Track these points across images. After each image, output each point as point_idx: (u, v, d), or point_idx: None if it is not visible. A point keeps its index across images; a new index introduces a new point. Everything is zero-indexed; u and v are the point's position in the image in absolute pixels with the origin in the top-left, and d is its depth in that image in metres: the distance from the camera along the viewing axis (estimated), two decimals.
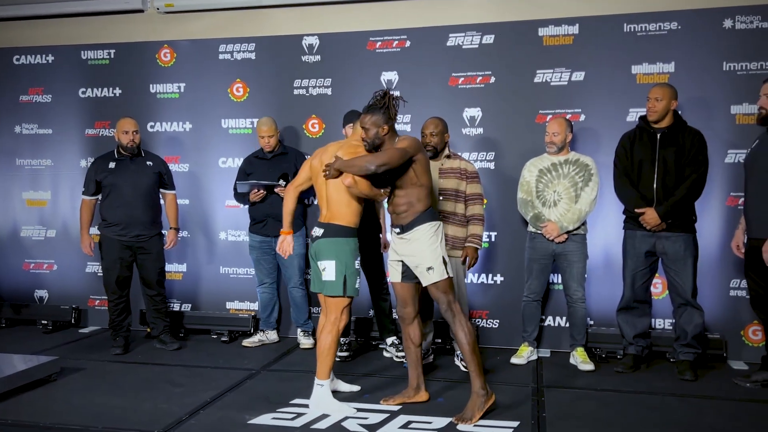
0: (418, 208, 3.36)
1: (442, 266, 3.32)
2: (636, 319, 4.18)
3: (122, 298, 4.68)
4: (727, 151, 4.45)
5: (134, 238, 4.59)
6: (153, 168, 4.70)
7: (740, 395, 3.67)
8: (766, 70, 4.35)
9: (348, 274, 3.41)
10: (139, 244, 4.62)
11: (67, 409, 3.44)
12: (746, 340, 4.43)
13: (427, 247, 3.33)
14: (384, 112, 3.32)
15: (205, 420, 3.30)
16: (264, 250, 4.80)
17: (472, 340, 3.31)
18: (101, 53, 5.47)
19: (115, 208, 4.58)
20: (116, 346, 4.62)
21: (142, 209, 4.60)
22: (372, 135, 3.34)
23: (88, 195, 4.69)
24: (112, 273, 4.62)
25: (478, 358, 3.31)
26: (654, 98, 3.97)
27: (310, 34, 5.10)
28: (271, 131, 4.66)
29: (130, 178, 4.59)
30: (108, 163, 4.65)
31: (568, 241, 4.21)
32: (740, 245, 4.03)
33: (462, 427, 3.17)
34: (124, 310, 4.70)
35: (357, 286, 3.47)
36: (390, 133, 3.36)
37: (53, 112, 5.56)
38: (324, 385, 3.40)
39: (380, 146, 3.37)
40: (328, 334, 3.42)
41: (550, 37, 4.70)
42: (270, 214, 4.69)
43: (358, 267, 3.48)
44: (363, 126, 3.36)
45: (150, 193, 4.67)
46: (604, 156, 4.41)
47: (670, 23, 4.51)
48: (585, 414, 3.37)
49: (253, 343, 4.81)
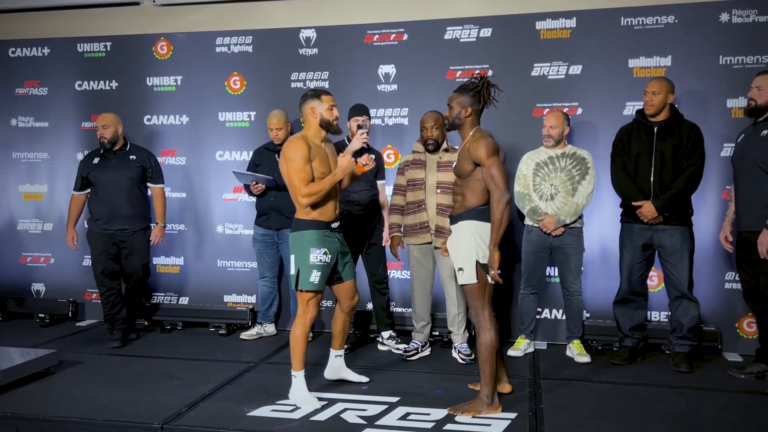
0: (470, 203, 3.27)
1: (473, 270, 3.20)
2: (632, 311, 4.21)
3: (113, 291, 4.69)
4: (723, 145, 4.47)
5: (118, 231, 4.63)
6: (136, 162, 4.71)
7: (735, 387, 3.70)
8: (762, 64, 4.37)
9: (301, 267, 3.38)
10: (122, 238, 4.65)
11: (66, 402, 3.44)
12: (741, 332, 4.46)
13: (464, 246, 3.25)
14: (473, 95, 3.26)
15: (204, 412, 3.31)
16: (267, 243, 4.80)
17: (486, 351, 3.20)
18: (97, 46, 5.45)
19: (98, 203, 4.65)
20: (113, 339, 4.63)
21: (124, 204, 4.62)
22: (454, 114, 3.30)
23: (76, 190, 4.77)
24: (98, 265, 4.67)
25: (491, 369, 3.21)
26: (651, 92, 3.98)
27: (308, 27, 5.09)
28: (280, 124, 4.65)
29: (112, 173, 4.64)
30: (93, 158, 4.71)
31: (565, 234, 4.23)
32: (728, 236, 4.08)
33: (460, 418, 3.19)
34: (117, 302, 4.70)
35: (313, 280, 3.35)
36: (472, 118, 3.29)
37: (49, 105, 5.54)
38: (297, 376, 3.40)
39: (460, 127, 3.31)
40: (296, 327, 3.43)
41: (547, 30, 4.71)
42: (273, 207, 4.70)
43: (320, 260, 3.37)
44: (448, 103, 3.34)
45: (132, 187, 4.67)
46: (601, 149, 4.42)
47: (667, 17, 4.52)
48: (582, 406, 3.40)
49: (251, 336, 4.82)
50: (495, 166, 3.14)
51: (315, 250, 3.36)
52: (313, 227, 3.38)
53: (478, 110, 3.30)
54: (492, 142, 3.22)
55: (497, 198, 3.13)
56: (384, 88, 4.98)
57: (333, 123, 3.43)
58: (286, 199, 4.66)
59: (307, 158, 3.32)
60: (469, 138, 3.29)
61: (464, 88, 3.31)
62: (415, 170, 4.24)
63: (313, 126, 3.44)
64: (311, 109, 3.41)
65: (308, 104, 3.42)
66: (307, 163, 3.32)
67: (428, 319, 4.38)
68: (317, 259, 3.37)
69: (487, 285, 3.26)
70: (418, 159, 4.25)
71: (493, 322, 3.26)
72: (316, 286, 3.39)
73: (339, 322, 3.71)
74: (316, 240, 3.38)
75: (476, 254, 3.21)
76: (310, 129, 3.46)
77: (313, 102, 3.41)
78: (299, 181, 3.31)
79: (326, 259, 3.39)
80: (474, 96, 3.26)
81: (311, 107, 3.41)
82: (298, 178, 3.31)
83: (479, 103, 3.28)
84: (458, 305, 4.22)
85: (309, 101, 3.42)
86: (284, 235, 4.74)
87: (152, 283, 5.38)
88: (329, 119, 3.41)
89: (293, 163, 3.32)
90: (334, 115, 3.43)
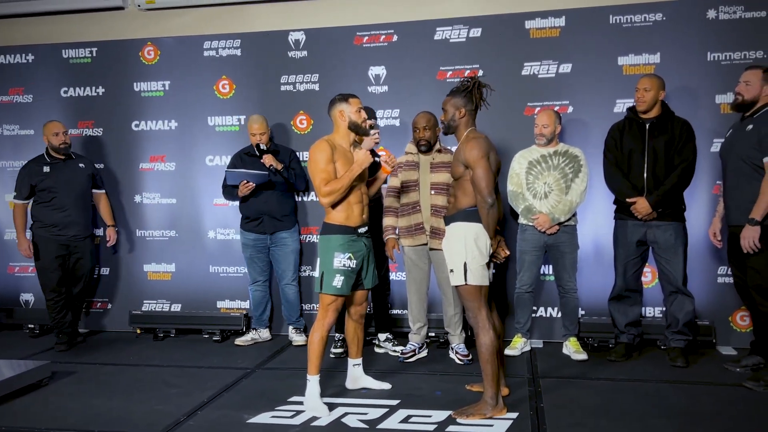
0: (462, 204, 3.26)
1: (461, 271, 3.18)
2: (627, 308, 4.23)
3: (62, 296, 4.78)
4: (713, 140, 4.50)
5: (72, 238, 4.73)
6: (86, 170, 4.84)
7: (732, 380, 3.72)
8: (749, 60, 4.41)
9: (325, 270, 3.39)
10: (74, 244, 4.76)
11: (62, 414, 3.39)
12: (734, 326, 4.50)
13: (454, 247, 3.24)
14: (465, 96, 3.28)
15: (203, 421, 3.27)
16: (258, 248, 4.77)
17: (486, 352, 3.17)
18: (83, 52, 5.37)
19: (51, 211, 4.71)
20: (61, 343, 4.75)
21: (78, 211, 4.77)
22: (449, 116, 3.32)
23: (21, 199, 4.81)
24: (52, 273, 4.73)
25: (493, 370, 3.18)
26: (643, 89, 4.00)
27: (297, 30, 5.06)
28: (262, 128, 4.63)
29: (66, 181, 4.73)
30: (42, 167, 4.76)
31: (559, 232, 4.24)
32: (717, 232, 4.12)
33: (462, 420, 3.18)
34: (64, 307, 4.80)
35: (336, 285, 3.36)
36: (467, 119, 3.30)
37: (35, 112, 5.45)
38: (311, 380, 3.39)
39: (455, 129, 3.33)
40: (314, 331, 3.41)
41: (536, 29, 4.72)
42: (265, 212, 4.67)
43: (344, 265, 3.37)
44: (443, 107, 3.37)
45: (84, 194, 4.84)
46: (593, 147, 4.45)
47: (655, 14, 4.55)
48: (582, 403, 3.41)
49: (246, 342, 4.78)
50: (481, 168, 3.14)
51: (339, 254, 3.37)
52: (339, 232, 3.40)
53: (471, 110, 3.31)
54: (484, 144, 3.21)
55: (479, 202, 3.16)
56: (375, 89, 4.96)
57: (361, 125, 3.46)
58: (278, 202, 4.67)
59: (329, 159, 3.34)
60: (462, 139, 3.29)
61: (456, 90, 3.33)
62: (408, 171, 4.22)
63: (341, 128, 3.48)
64: (339, 112, 3.44)
65: (336, 107, 3.46)
66: (330, 163, 3.34)
67: (425, 321, 4.37)
68: (341, 264, 3.37)
69: (482, 286, 3.24)
70: (411, 160, 4.24)
71: (491, 323, 3.24)
72: (339, 290, 3.38)
73: (351, 330, 3.70)
74: (341, 245, 3.38)
75: (464, 256, 3.19)
76: (338, 132, 3.49)
77: (342, 105, 3.45)
78: (320, 180, 3.34)
79: (350, 264, 3.39)
80: (466, 96, 3.28)
81: (339, 110, 3.45)
82: (319, 178, 3.34)
83: (472, 103, 3.29)
84: (455, 305, 4.22)
85: (337, 104, 3.46)
86: (278, 238, 4.72)
87: (144, 290, 5.33)
88: (357, 121, 3.45)
89: (316, 164, 3.35)
90: (362, 118, 3.47)
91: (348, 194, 3.39)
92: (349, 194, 3.40)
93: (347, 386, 3.73)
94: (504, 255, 3.32)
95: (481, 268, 3.20)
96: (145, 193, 5.34)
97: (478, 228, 3.20)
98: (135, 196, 5.35)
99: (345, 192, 3.36)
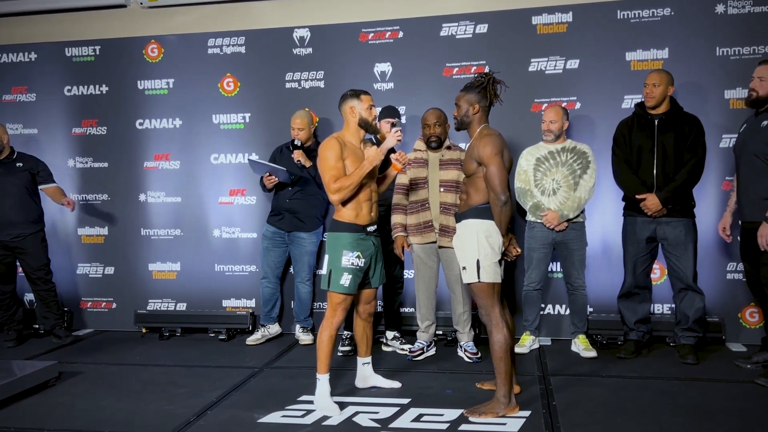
0: (474, 201, 3.23)
1: (474, 269, 3.16)
2: (637, 305, 4.21)
3: (6, 294, 4.84)
4: (722, 136, 4.48)
5: (12, 239, 4.70)
6: (23, 168, 4.78)
7: (743, 377, 3.71)
8: (759, 55, 4.38)
9: (333, 268, 3.37)
10: (15, 244, 4.73)
11: (70, 415, 3.37)
12: (743, 323, 4.48)
13: (467, 245, 3.21)
14: (479, 92, 3.25)
15: (213, 421, 3.24)
16: (275, 241, 4.75)
17: (500, 349, 3.13)
18: (86, 50, 5.34)
19: None
20: (9, 340, 4.83)
21: (17, 211, 4.70)
22: (462, 112, 3.30)
23: None
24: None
25: (507, 368, 3.15)
26: (651, 84, 3.98)
27: (301, 27, 5.03)
28: (302, 124, 4.60)
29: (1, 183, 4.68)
30: None
31: (567, 229, 4.22)
32: (726, 227, 4.08)
33: (474, 419, 3.16)
34: (11, 305, 4.88)
35: (344, 283, 3.33)
36: (480, 115, 3.28)
37: (38, 111, 5.43)
38: (320, 379, 3.37)
39: (468, 125, 3.30)
40: (323, 330, 3.39)
41: (543, 25, 4.70)
42: (288, 209, 4.67)
43: (352, 264, 3.34)
44: (456, 102, 3.34)
45: (21, 194, 4.74)
46: (600, 143, 4.42)
47: (663, 9, 4.53)
48: (594, 401, 3.39)
49: (257, 341, 4.75)
50: (495, 166, 3.11)
51: (348, 252, 3.34)
52: (348, 230, 3.37)
53: (485, 107, 3.28)
54: (498, 141, 3.19)
55: (492, 200, 3.13)
56: (380, 86, 4.93)
57: (372, 122, 3.43)
58: (303, 202, 4.64)
59: (339, 156, 3.31)
60: (476, 135, 3.26)
61: (470, 85, 3.29)
62: (417, 169, 4.20)
63: (351, 125, 3.44)
64: (350, 108, 3.41)
65: (347, 103, 3.42)
66: (339, 160, 3.31)
67: (433, 319, 4.34)
68: (349, 263, 3.35)
69: (495, 283, 3.22)
70: (420, 157, 4.21)
71: (504, 320, 3.22)
72: (347, 289, 3.35)
73: (359, 329, 3.67)
74: (350, 243, 3.35)
75: (477, 253, 3.17)
76: (348, 128, 3.45)
77: (353, 101, 3.40)
78: (329, 177, 3.31)
79: (359, 262, 3.36)
80: (480, 93, 3.25)
81: (350, 106, 3.41)
82: (328, 174, 3.31)
83: (486, 99, 3.26)
84: (464, 303, 4.19)
85: (348, 101, 3.42)
86: (296, 237, 4.70)
87: (149, 290, 5.30)
88: (368, 118, 3.41)
89: (325, 161, 3.32)
90: (372, 115, 3.43)
91: (357, 192, 3.36)
92: (359, 192, 3.37)
93: (357, 385, 3.70)
94: (515, 254, 3.29)
95: (494, 265, 3.18)
96: (149, 191, 5.31)
97: (490, 225, 3.17)
98: (139, 195, 5.32)
99: (355, 189, 3.33)
